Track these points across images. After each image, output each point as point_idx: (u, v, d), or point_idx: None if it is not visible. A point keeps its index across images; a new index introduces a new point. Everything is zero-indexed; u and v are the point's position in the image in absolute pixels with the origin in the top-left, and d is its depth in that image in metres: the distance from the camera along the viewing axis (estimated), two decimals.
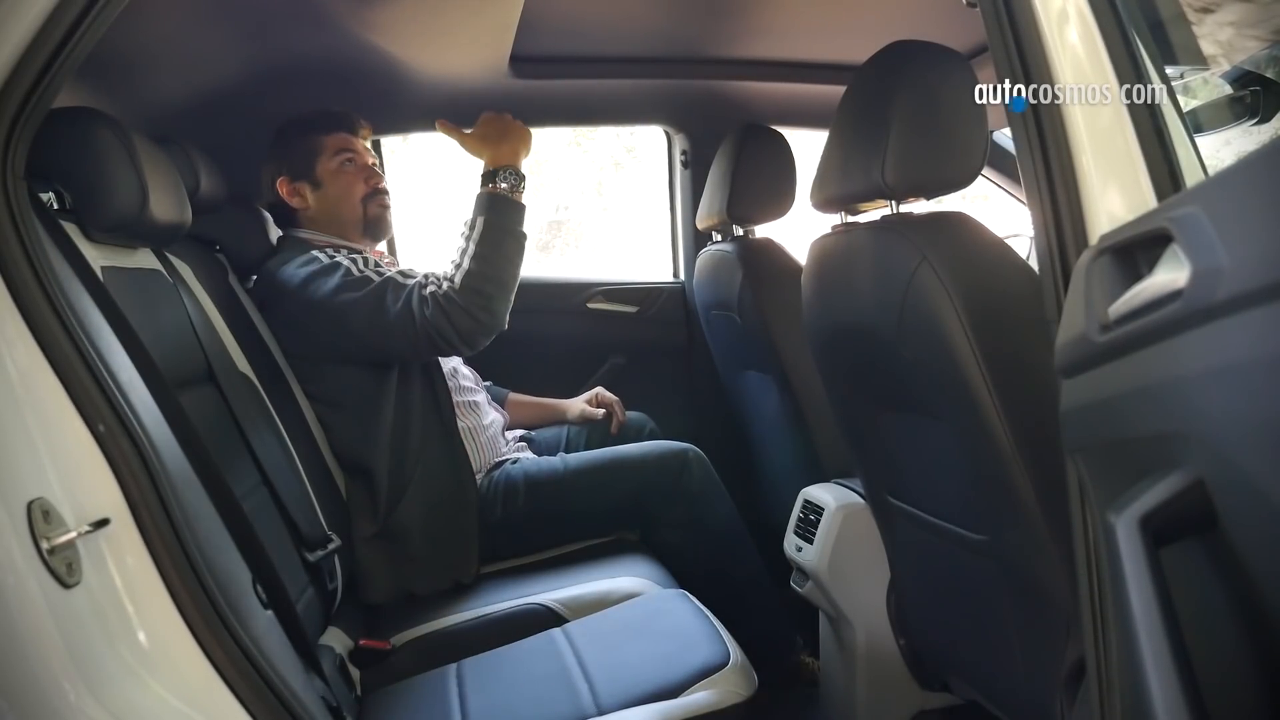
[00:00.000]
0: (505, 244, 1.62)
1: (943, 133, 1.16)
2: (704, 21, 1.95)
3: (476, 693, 1.30)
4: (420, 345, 1.59)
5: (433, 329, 1.57)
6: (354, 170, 1.84)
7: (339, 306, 1.61)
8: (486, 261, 1.60)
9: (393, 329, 1.59)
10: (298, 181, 1.83)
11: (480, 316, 1.58)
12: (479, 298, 1.58)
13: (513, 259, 1.63)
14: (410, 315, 1.58)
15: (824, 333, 1.43)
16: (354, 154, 1.84)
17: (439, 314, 1.57)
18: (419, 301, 1.58)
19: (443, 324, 1.57)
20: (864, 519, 1.56)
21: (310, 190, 1.83)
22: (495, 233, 1.62)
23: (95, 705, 0.79)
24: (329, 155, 1.83)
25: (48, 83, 0.89)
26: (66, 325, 0.88)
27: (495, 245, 1.61)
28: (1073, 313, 0.76)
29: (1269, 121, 1.29)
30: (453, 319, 1.57)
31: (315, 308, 1.64)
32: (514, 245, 1.64)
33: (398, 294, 1.60)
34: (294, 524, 1.41)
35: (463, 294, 1.58)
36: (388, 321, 1.59)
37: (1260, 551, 0.59)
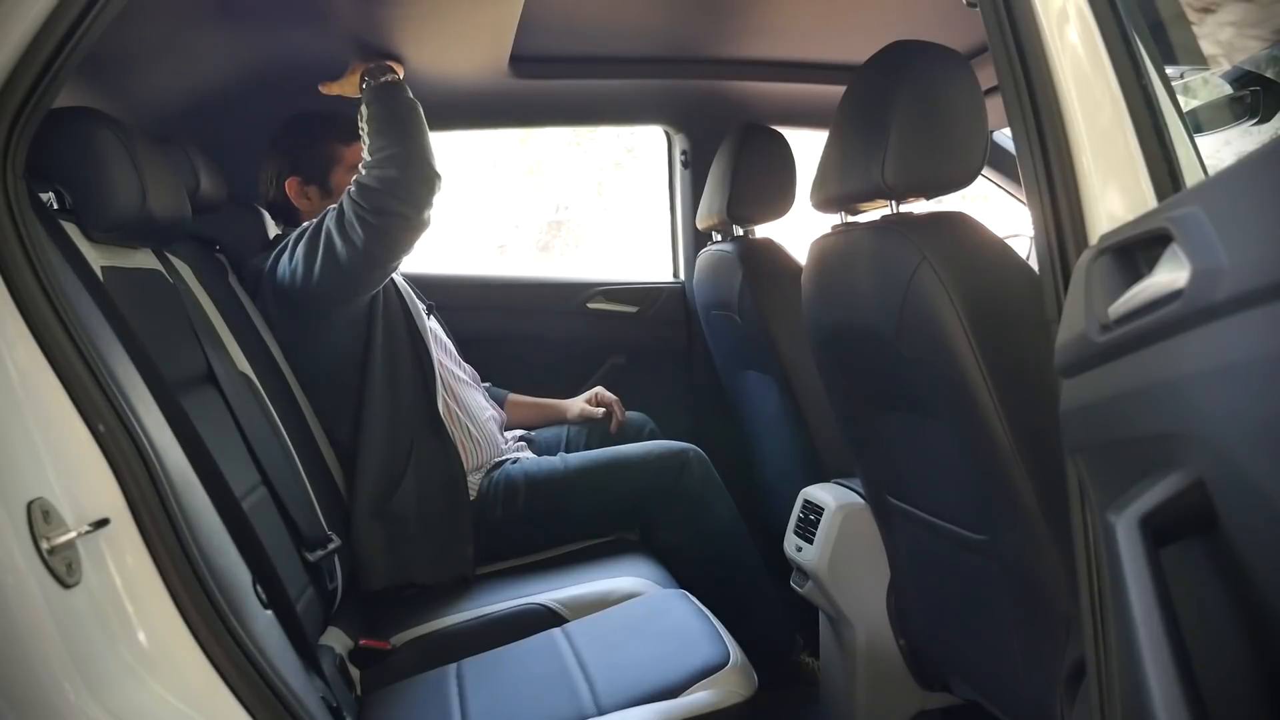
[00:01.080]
0: (397, 109, 1.64)
1: (943, 133, 1.16)
2: (704, 21, 1.95)
3: (476, 693, 1.30)
4: (362, 237, 1.59)
5: (359, 208, 1.58)
6: None
7: (296, 255, 1.67)
8: (381, 133, 1.62)
9: (332, 239, 1.62)
10: (308, 185, 1.84)
11: (393, 171, 1.59)
12: (386, 166, 1.59)
13: (406, 117, 1.64)
14: (339, 214, 1.61)
15: (824, 333, 1.43)
16: None
17: (358, 193, 1.59)
18: (344, 198, 1.62)
19: (362, 199, 1.58)
20: (864, 519, 1.56)
21: (319, 195, 1.85)
22: (382, 108, 1.64)
23: (95, 705, 0.79)
24: (346, 167, 1.84)
25: (48, 83, 0.89)
26: (66, 325, 0.88)
27: (385, 117, 1.63)
28: (1073, 313, 0.76)
29: (1269, 121, 1.29)
30: (369, 195, 1.58)
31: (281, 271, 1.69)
32: (404, 105, 1.65)
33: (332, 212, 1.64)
34: (294, 524, 1.41)
35: (370, 164, 1.61)
36: (329, 236, 1.62)
37: (1260, 551, 0.59)
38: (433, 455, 1.73)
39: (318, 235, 1.64)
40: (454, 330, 2.09)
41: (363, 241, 1.59)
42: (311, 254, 1.64)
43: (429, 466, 1.72)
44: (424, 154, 1.62)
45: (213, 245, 1.77)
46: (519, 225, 5.47)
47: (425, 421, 1.74)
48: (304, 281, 1.66)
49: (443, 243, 4.31)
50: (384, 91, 1.66)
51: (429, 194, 1.62)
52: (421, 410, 1.75)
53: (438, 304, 2.07)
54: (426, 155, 1.63)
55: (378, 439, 1.70)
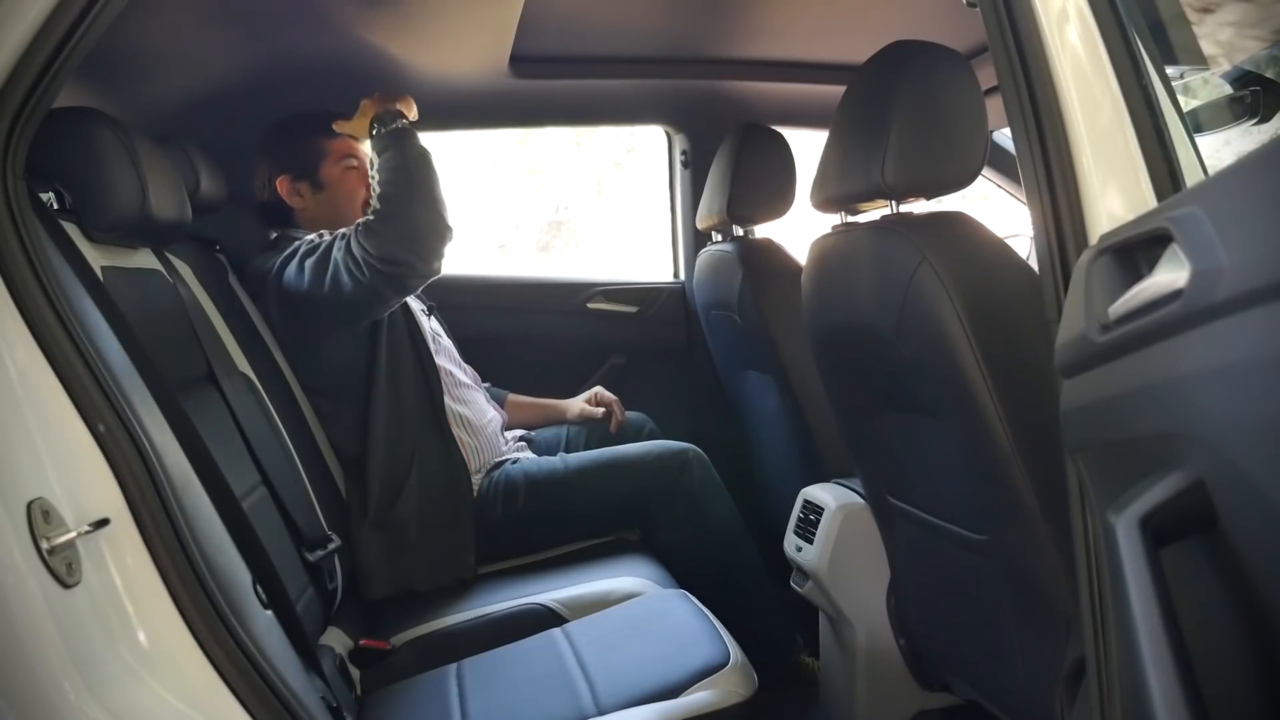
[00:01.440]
0: (406, 160, 1.63)
1: (943, 133, 1.16)
2: (704, 21, 1.95)
3: (476, 693, 1.30)
4: (368, 277, 1.59)
5: (367, 254, 1.58)
6: (357, 175, 1.86)
7: (304, 271, 1.65)
8: (392, 183, 1.61)
9: (339, 271, 1.61)
10: (299, 182, 1.84)
11: (403, 223, 1.58)
12: (396, 219, 1.58)
13: (416, 168, 1.63)
14: (348, 251, 1.60)
15: (824, 332, 1.43)
16: (358, 159, 1.86)
17: (366, 237, 1.58)
18: (352, 235, 1.61)
19: (371, 246, 1.58)
20: (864, 519, 1.56)
21: (311, 191, 1.84)
22: (393, 158, 1.63)
23: (95, 705, 0.79)
24: (334, 160, 1.84)
25: (48, 83, 0.89)
26: (66, 325, 0.88)
27: (396, 167, 1.62)
28: (1073, 313, 0.76)
29: (1269, 121, 1.29)
30: (377, 244, 1.57)
31: (287, 281, 1.68)
32: (413, 156, 1.64)
33: (340, 242, 1.64)
34: (294, 524, 1.41)
35: (380, 212, 1.60)
36: (336, 267, 1.61)
37: (1260, 551, 0.59)
38: (436, 459, 1.73)
39: (326, 261, 1.63)
40: (454, 330, 2.09)
41: (369, 283, 1.59)
42: (319, 277, 1.63)
43: (432, 470, 1.72)
44: (435, 207, 1.61)
45: (213, 245, 1.77)
46: (519, 225, 5.47)
47: (429, 425, 1.74)
48: (309, 298, 1.66)
49: None
50: (394, 140, 1.65)
51: (439, 245, 1.62)
52: (425, 414, 1.74)
53: (438, 304, 2.07)
54: (437, 208, 1.61)
55: (381, 444, 1.70)
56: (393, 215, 1.58)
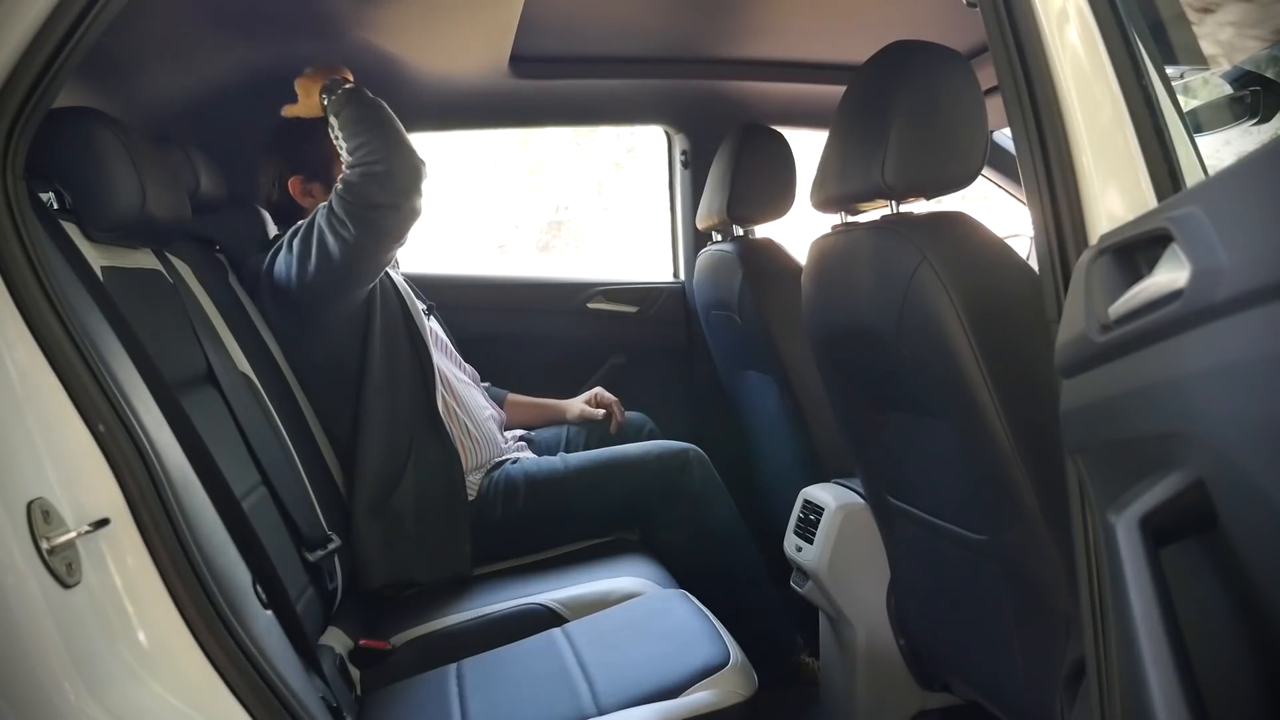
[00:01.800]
0: (362, 111, 1.63)
1: (943, 133, 1.16)
2: (704, 21, 1.95)
3: (476, 693, 1.30)
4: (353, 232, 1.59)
5: (348, 206, 1.58)
6: None
7: (292, 252, 1.67)
8: (355, 134, 1.61)
9: (324, 236, 1.62)
10: (311, 182, 1.84)
11: (376, 167, 1.58)
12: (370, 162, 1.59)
13: (374, 116, 1.63)
14: (330, 212, 1.61)
15: (824, 332, 1.43)
16: None
17: (345, 191, 1.59)
18: (332, 197, 1.62)
19: (350, 196, 1.58)
20: (864, 519, 1.56)
21: (323, 191, 1.85)
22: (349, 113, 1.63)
23: (95, 705, 0.79)
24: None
25: (48, 83, 0.89)
26: (66, 325, 0.88)
27: (355, 119, 1.62)
28: (1073, 313, 0.76)
29: (1269, 121, 1.29)
30: (357, 191, 1.58)
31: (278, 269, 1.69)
32: (368, 105, 1.64)
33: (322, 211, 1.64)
34: (294, 524, 1.41)
35: (351, 164, 1.60)
36: (321, 234, 1.62)
37: (1260, 551, 0.59)
38: (432, 454, 1.73)
39: (310, 232, 1.64)
40: (454, 330, 2.09)
41: (354, 235, 1.59)
42: (305, 251, 1.64)
43: (428, 465, 1.72)
44: (403, 143, 1.62)
45: (213, 245, 1.77)
46: (519, 225, 5.47)
47: (424, 420, 1.74)
48: (299, 278, 1.66)
49: (443, 243, 4.30)
50: (349, 97, 1.65)
51: (416, 181, 1.62)
52: (420, 409, 1.75)
53: (438, 304, 2.07)
54: (406, 144, 1.62)
55: (377, 438, 1.71)
56: (365, 163, 1.59)
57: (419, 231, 1.70)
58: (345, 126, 1.63)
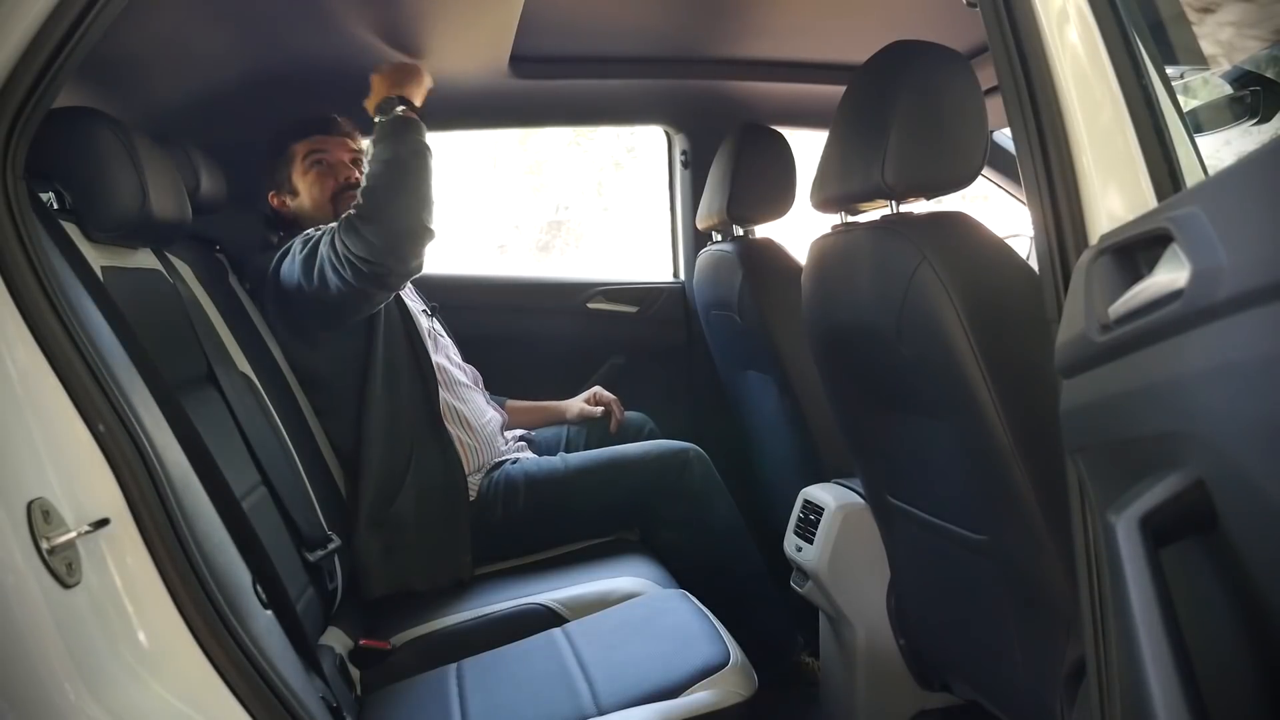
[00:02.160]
0: (396, 155, 1.59)
1: (943, 133, 1.16)
2: (704, 21, 1.95)
3: (476, 692, 1.30)
4: (349, 275, 1.57)
5: (347, 251, 1.56)
6: (321, 170, 1.86)
7: (295, 266, 1.66)
8: (376, 176, 1.58)
9: (325, 268, 1.60)
10: (281, 193, 1.88)
11: (381, 223, 1.55)
12: (376, 217, 1.55)
13: (403, 165, 1.58)
14: (331, 247, 1.58)
15: (824, 332, 1.43)
16: (322, 153, 1.86)
17: (346, 234, 1.56)
18: (336, 232, 1.59)
19: (350, 243, 1.55)
20: (864, 519, 1.56)
21: (291, 199, 1.89)
22: (383, 150, 1.60)
23: (95, 705, 0.79)
24: (299, 161, 1.87)
25: (48, 83, 0.89)
26: (66, 325, 0.88)
27: (384, 161, 1.58)
28: (1073, 313, 0.76)
29: (1269, 121, 1.29)
30: (356, 242, 1.55)
31: (283, 276, 1.69)
32: (405, 153, 1.60)
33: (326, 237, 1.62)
34: (294, 524, 1.41)
35: (361, 208, 1.57)
36: (322, 264, 1.60)
37: (1260, 551, 0.59)
38: (433, 461, 1.73)
39: (314, 256, 1.63)
40: (454, 330, 2.09)
41: (350, 279, 1.58)
42: (309, 272, 1.64)
43: (429, 473, 1.72)
44: (416, 206, 1.57)
45: (213, 245, 1.78)
46: (519, 225, 5.47)
47: (425, 425, 1.74)
48: (300, 293, 1.67)
49: (443, 243, 4.29)
50: (392, 130, 1.61)
51: (417, 247, 1.58)
52: (421, 413, 1.75)
53: (438, 304, 2.07)
54: (418, 208, 1.57)
55: (378, 442, 1.70)
56: (372, 213, 1.55)
57: None
58: (374, 160, 1.60)
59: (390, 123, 1.62)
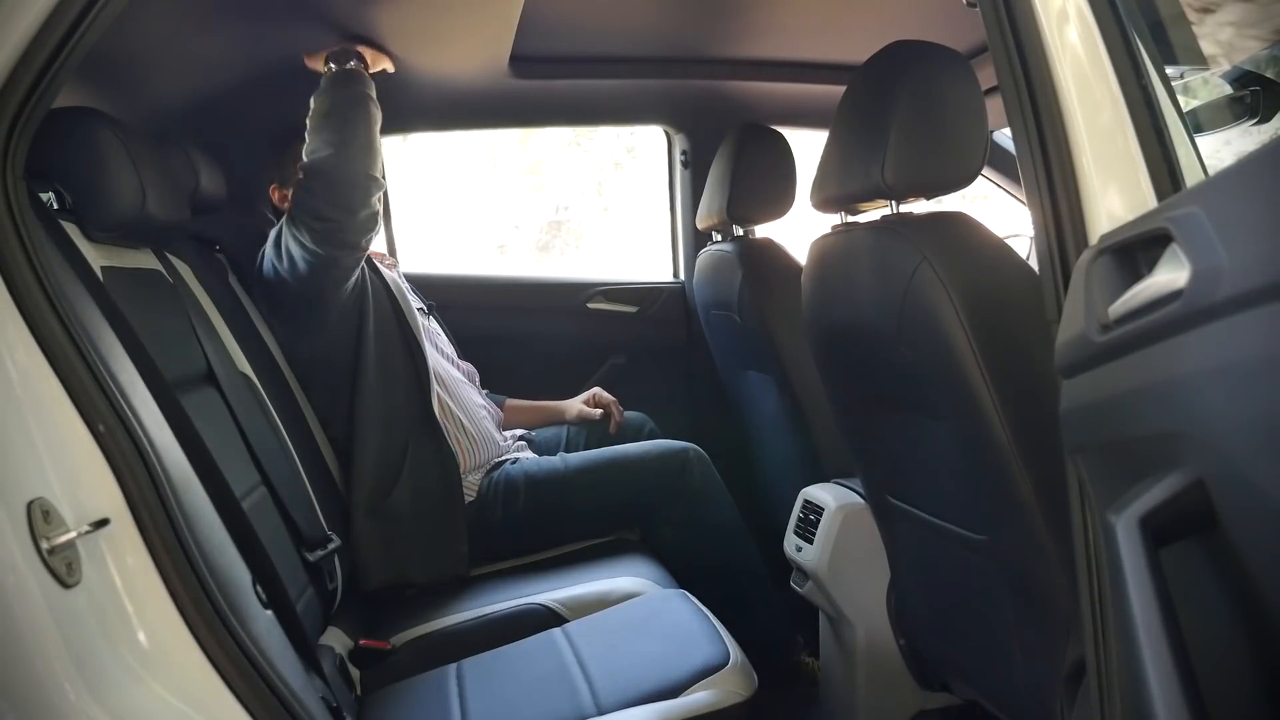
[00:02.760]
0: (334, 103, 1.60)
1: (943, 133, 1.16)
2: (704, 21, 1.95)
3: (476, 692, 1.30)
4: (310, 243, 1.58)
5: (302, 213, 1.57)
6: None
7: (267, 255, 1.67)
8: (314, 131, 1.59)
9: (290, 245, 1.61)
10: (285, 188, 1.87)
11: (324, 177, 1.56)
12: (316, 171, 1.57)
13: (342, 114, 1.58)
14: (290, 220, 1.61)
15: (824, 332, 1.43)
16: None
17: (297, 196, 1.58)
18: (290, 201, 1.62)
19: (304, 200, 1.57)
20: (864, 519, 1.56)
21: None
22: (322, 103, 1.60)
23: (95, 705, 0.79)
24: None
25: (48, 83, 0.89)
26: (67, 325, 0.88)
27: (323, 114, 1.59)
28: (1073, 313, 0.76)
29: (1269, 121, 1.29)
30: (303, 200, 1.57)
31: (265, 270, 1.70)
32: (343, 99, 1.60)
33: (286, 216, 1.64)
34: (294, 524, 1.42)
35: (304, 167, 1.58)
36: (287, 242, 1.62)
37: (1260, 551, 0.59)
38: (428, 455, 1.73)
39: (281, 237, 1.66)
40: (454, 330, 2.09)
41: (310, 242, 1.59)
42: (278, 255, 1.66)
43: (424, 465, 1.72)
44: (359, 159, 1.57)
45: (213, 245, 1.78)
46: (519, 225, 5.47)
47: (420, 420, 1.75)
48: (277, 278, 1.68)
49: (443, 243, 4.30)
50: (336, 81, 1.61)
51: (364, 197, 1.59)
52: (416, 409, 1.75)
53: (438, 304, 2.07)
54: (359, 159, 1.57)
55: (373, 437, 1.71)
56: (315, 172, 1.57)
57: (419, 230, 1.70)
58: (313, 115, 1.61)
59: (338, 73, 1.63)
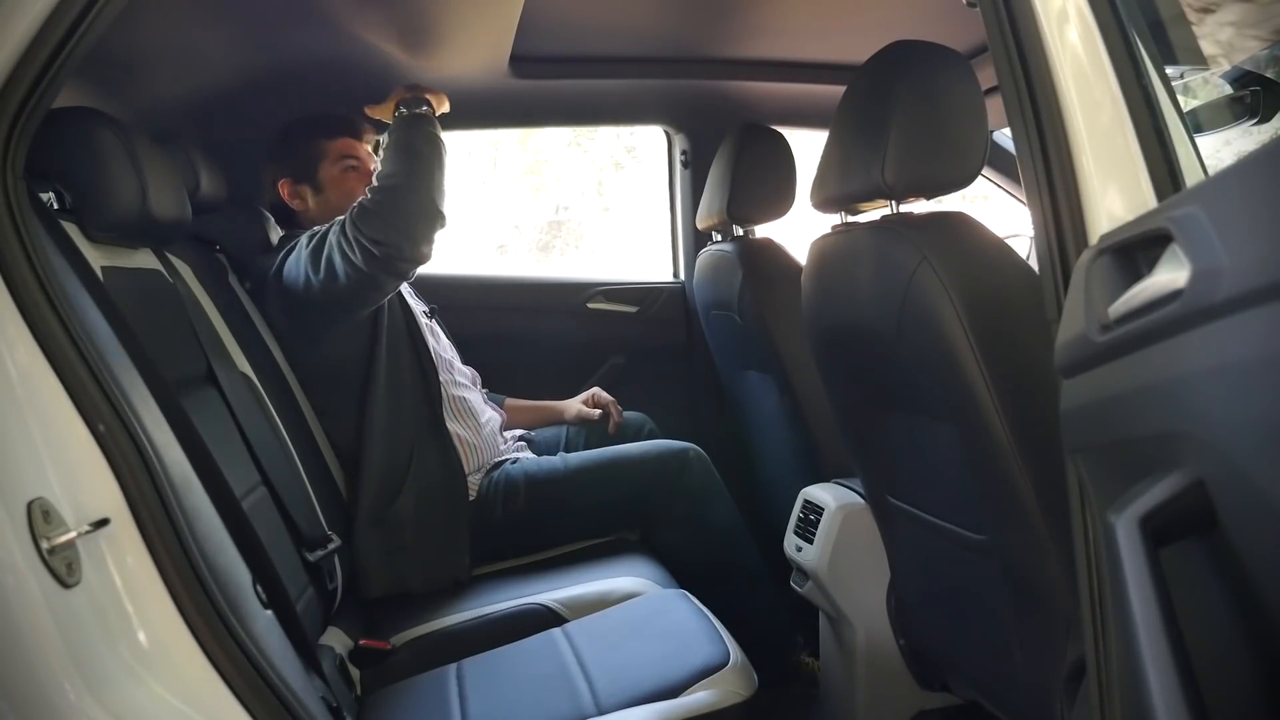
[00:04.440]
0: (412, 141, 1.64)
1: (943, 133, 1.16)
2: (704, 21, 1.95)
3: (476, 693, 1.30)
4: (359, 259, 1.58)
5: (358, 234, 1.57)
6: (356, 176, 1.86)
7: (301, 262, 1.66)
8: (392, 161, 1.62)
9: (333, 255, 1.61)
10: (300, 184, 1.85)
11: (395, 203, 1.58)
12: (389, 194, 1.59)
13: (419, 150, 1.63)
14: (342, 232, 1.60)
15: (824, 333, 1.43)
16: (357, 159, 1.87)
17: (359, 217, 1.58)
18: (347, 217, 1.61)
19: (362, 225, 1.57)
20: (864, 519, 1.56)
21: (311, 193, 1.86)
22: (400, 139, 1.64)
23: (95, 705, 0.79)
24: (332, 160, 1.85)
25: (48, 83, 0.89)
26: (66, 325, 0.88)
27: (400, 146, 1.63)
28: (1073, 313, 0.76)
29: (1269, 121, 1.29)
30: (368, 221, 1.57)
31: (287, 275, 1.69)
32: (420, 139, 1.65)
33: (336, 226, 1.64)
34: (294, 524, 1.41)
35: (375, 190, 1.60)
36: (330, 252, 1.62)
37: (1260, 551, 0.59)
38: (433, 463, 1.73)
39: (322, 246, 1.64)
40: (454, 331, 2.09)
41: (360, 264, 1.58)
42: (315, 263, 1.64)
43: (429, 474, 1.72)
44: (429, 189, 1.61)
45: (213, 245, 1.77)
46: (519, 225, 5.47)
47: (426, 426, 1.74)
48: (306, 288, 1.66)
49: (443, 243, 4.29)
50: (410, 121, 1.67)
51: (429, 231, 1.61)
52: (423, 415, 1.75)
53: (438, 304, 2.07)
54: (432, 191, 1.61)
55: (379, 443, 1.70)
56: (386, 194, 1.58)
57: None
58: (389, 147, 1.65)
59: (410, 115, 1.68)
